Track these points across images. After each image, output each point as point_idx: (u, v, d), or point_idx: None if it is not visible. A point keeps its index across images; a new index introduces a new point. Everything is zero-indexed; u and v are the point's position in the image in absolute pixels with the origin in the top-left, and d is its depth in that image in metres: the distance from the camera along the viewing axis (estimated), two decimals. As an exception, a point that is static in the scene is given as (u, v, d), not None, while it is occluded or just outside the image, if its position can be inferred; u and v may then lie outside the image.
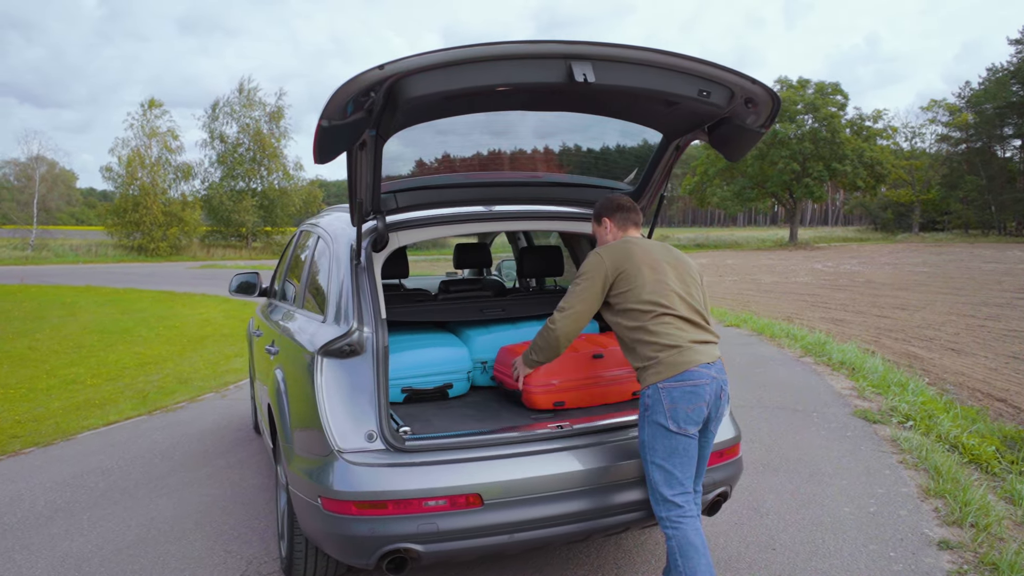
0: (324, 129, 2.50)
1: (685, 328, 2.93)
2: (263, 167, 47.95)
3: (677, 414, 2.82)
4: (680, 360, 2.85)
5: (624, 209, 3.20)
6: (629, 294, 2.94)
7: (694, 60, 2.69)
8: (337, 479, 2.79)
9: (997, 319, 14.56)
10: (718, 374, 2.92)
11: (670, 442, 2.84)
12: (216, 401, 7.72)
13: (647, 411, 2.88)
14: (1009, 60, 56.86)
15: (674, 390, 2.83)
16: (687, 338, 2.90)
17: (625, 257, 2.99)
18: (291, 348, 3.44)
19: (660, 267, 3.00)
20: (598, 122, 3.34)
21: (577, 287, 3.00)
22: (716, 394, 2.91)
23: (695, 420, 2.85)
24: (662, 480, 2.86)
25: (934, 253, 37.11)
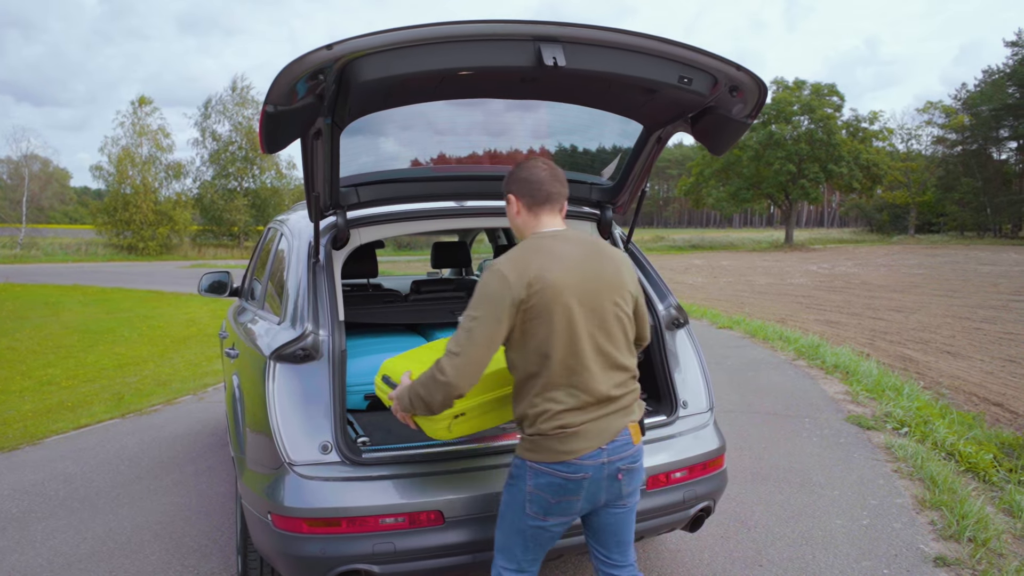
0: (269, 115, 2.29)
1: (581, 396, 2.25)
2: (255, 166, 47.60)
3: (539, 502, 2.29)
4: (561, 448, 2.24)
5: (538, 183, 2.34)
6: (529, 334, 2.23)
7: (673, 44, 2.48)
8: (288, 494, 2.58)
9: (993, 322, 14.40)
10: (615, 455, 2.29)
11: (521, 523, 2.33)
12: (193, 404, 7.50)
13: (511, 478, 2.36)
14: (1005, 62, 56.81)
15: (542, 476, 2.26)
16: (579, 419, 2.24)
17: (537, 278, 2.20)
18: (247, 351, 3.24)
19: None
20: (574, 111, 3.13)
21: (472, 321, 2.19)
22: (609, 477, 2.29)
23: (565, 513, 2.30)
24: (500, 545, 2.41)
25: (929, 255, 36.98)
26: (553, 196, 2.36)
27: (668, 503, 2.91)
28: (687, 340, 3.31)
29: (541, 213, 2.37)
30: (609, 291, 2.31)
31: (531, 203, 2.36)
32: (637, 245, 3.52)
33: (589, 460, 2.24)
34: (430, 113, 3.00)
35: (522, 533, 2.34)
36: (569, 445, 2.23)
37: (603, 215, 3.43)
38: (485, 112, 3.11)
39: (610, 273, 2.33)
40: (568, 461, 2.23)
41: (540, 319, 2.20)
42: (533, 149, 3.44)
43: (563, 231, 2.36)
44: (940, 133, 60.26)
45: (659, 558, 3.65)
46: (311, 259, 2.95)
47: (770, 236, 63.27)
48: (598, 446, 2.25)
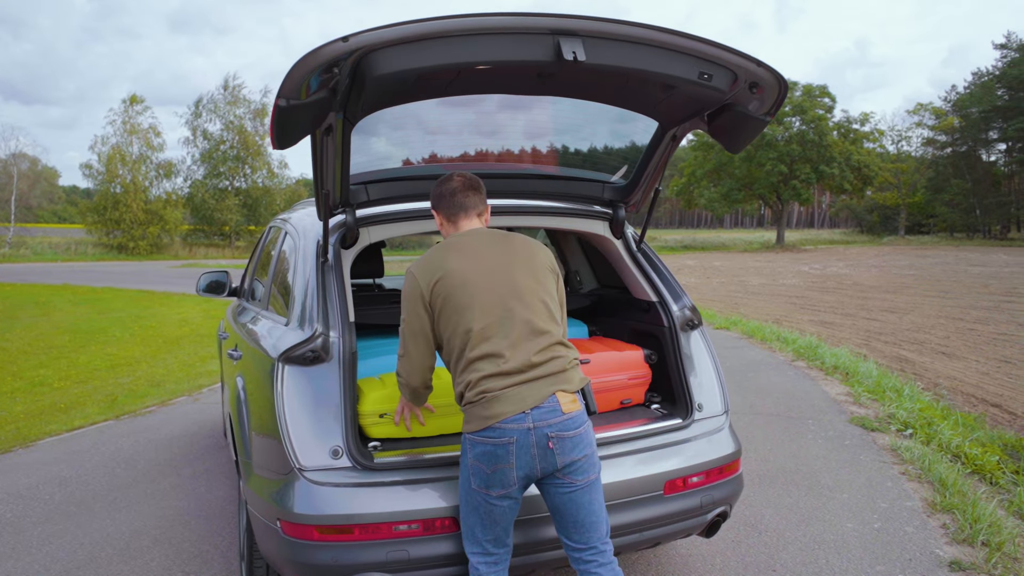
0: (282, 110, 2.22)
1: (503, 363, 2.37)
2: (247, 165, 47.36)
3: (479, 474, 2.38)
4: (485, 414, 2.36)
5: (451, 194, 2.59)
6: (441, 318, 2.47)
7: (695, 39, 2.41)
8: (298, 500, 2.51)
9: (986, 322, 14.44)
10: (541, 420, 2.34)
11: (471, 499, 2.42)
12: (188, 405, 7.40)
13: (461, 456, 2.49)
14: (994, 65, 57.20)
15: (476, 446, 2.38)
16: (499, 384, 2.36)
17: (439, 268, 2.48)
18: (252, 353, 3.16)
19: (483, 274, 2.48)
20: (588, 109, 3.07)
21: (403, 323, 2.52)
22: (537, 444, 2.33)
23: (503, 484, 2.36)
24: (463, 532, 2.49)
25: (920, 256, 37.13)
26: (467, 205, 2.60)
27: (685, 508, 2.85)
28: (701, 342, 3.25)
29: (458, 221, 2.61)
30: (523, 266, 2.52)
31: (448, 214, 2.61)
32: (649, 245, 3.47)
33: (512, 424, 2.33)
34: (442, 109, 2.93)
35: (476, 510, 2.42)
36: (491, 409, 2.34)
37: (615, 214, 3.37)
38: (497, 108, 3.04)
39: (523, 252, 2.55)
40: (492, 426, 2.34)
41: (449, 302, 2.44)
42: (543, 147, 3.38)
43: (476, 230, 2.59)
44: (930, 135, 60.60)
45: (670, 564, 3.59)
46: (319, 258, 2.88)
47: (761, 237, 63.45)
48: (520, 410, 2.34)
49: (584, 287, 4.14)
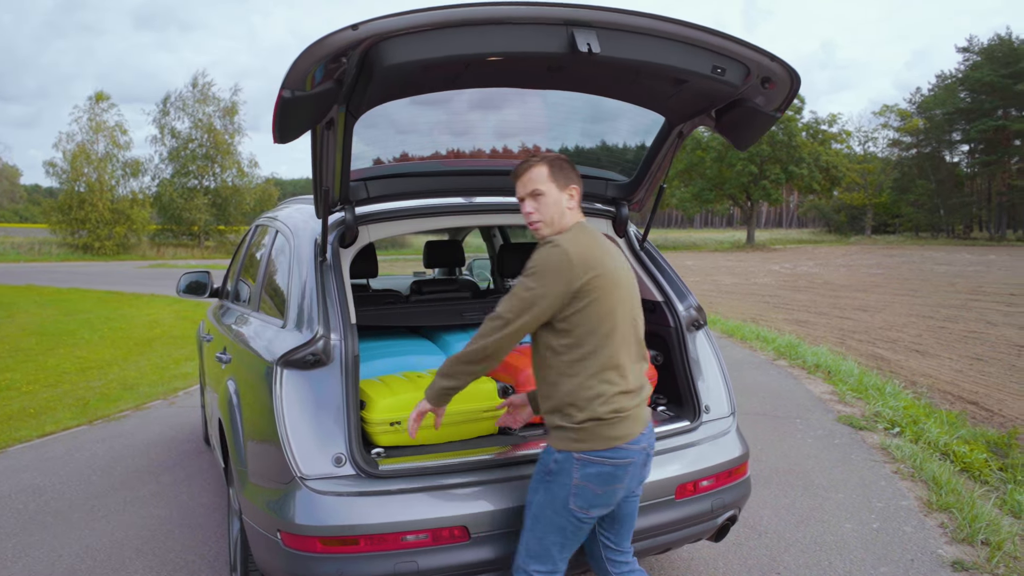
0: (286, 101, 2.11)
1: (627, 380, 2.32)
2: (216, 164, 46.61)
3: (585, 495, 2.27)
4: (613, 434, 2.26)
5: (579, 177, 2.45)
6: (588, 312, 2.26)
7: (711, 32, 2.35)
8: (300, 510, 2.40)
9: (955, 320, 14.67)
10: (648, 442, 2.37)
11: (563, 520, 2.30)
12: (164, 409, 7.21)
13: (548, 475, 2.30)
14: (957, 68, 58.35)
15: (590, 466, 2.25)
16: (630, 403, 2.30)
17: (598, 263, 2.29)
18: (245, 356, 3.04)
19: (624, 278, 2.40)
20: (592, 104, 3.00)
21: (530, 292, 2.22)
22: (642, 465, 2.36)
23: (607, 504, 2.32)
24: (533, 551, 2.33)
25: (887, 255, 37.73)
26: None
27: (696, 513, 2.79)
28: (706, 341, 3.20)
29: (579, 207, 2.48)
30: (633, 285, 2.47)
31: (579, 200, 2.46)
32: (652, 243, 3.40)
33: (635, 445, 2.30)
34: (445, 103, 2.84)
35: (563, 531, 2.31)
36: (620, 430, 2.27)
37: (619, 212, 3.30)
38: (501, 103, 2.96)
39: (625, 261, 2.51)
40: (618, 447, 2.26)
41: (598, 303, 2.27)
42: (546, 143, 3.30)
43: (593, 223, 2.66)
44: (895, 136, 61.68)
45: (673, 568, 3.54)
46: (317, 257, 2.77)
47: (732, 236, 64.04)
48: (640, 431, 2.33)
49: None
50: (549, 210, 2.35)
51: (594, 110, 3.06)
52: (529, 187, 2.37)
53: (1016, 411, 7.85)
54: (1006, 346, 11.88)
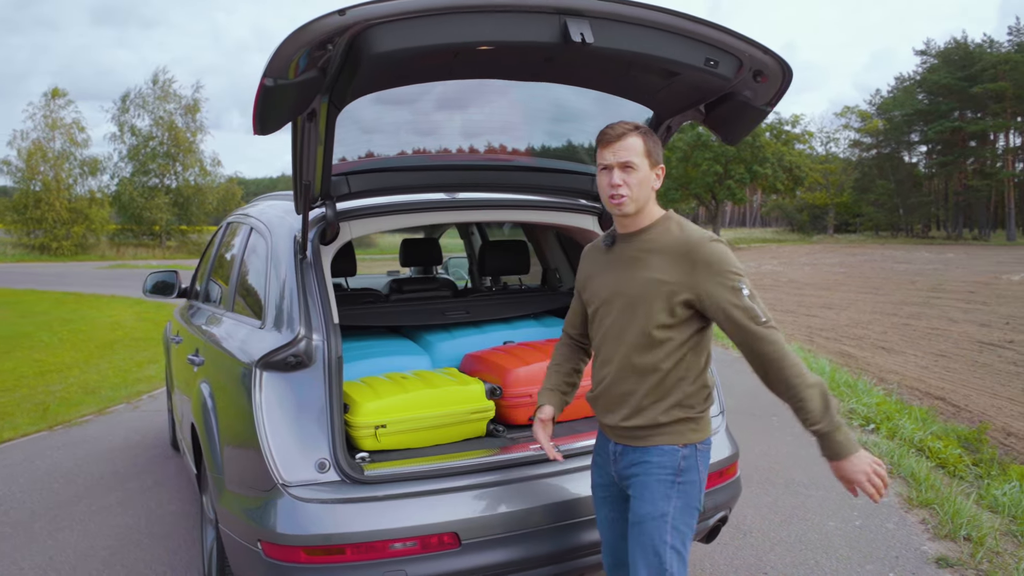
0: (268, 90, 2.00)
1: None
2: (178, 162, 45.74)
3: (702, 483, 2.22)
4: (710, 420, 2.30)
5: None
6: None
7: (704, 23, 2.29)
8: (282, 519, 2.30)
9: (918, 318, 14.93)
10: None
11: (694, 520, 2.19)
12: (127, 413, 6.99)
13: (680, 475, 2.16)
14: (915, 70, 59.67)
15: (707, 454, 2.24)
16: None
17: None
18: (221, 358, 2.91)
19: None
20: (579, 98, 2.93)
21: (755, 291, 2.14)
22: None
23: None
24: (686, 555, 2.14)
25: (849, 254, 38.39)
26: None
27: None
28: None
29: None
30: None
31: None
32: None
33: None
34: (429, 96, 2.75)
35: (693, 529, 2.19)
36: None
37: (604, 208, 3.23)
38: (486, 96, 2.88)
39: None
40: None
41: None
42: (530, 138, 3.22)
43: None
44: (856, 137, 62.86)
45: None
46: (297, 255, 2.66)
47: (697, 236, 64.47)
48: None
49: (564, 285, 4.01)
50: (639, 188, 2.16)
51: (581, 103, 2.99)
52: (622, 156, 2.15)
53: (981, 406, 7.98)
54: (968, 342, 12.12)
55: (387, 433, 2.61)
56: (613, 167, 2.16)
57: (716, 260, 2.09)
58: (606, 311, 2.24)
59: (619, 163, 2.15)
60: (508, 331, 3.44)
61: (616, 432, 2.24)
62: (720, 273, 2.08)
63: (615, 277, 2.23)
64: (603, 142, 2.19)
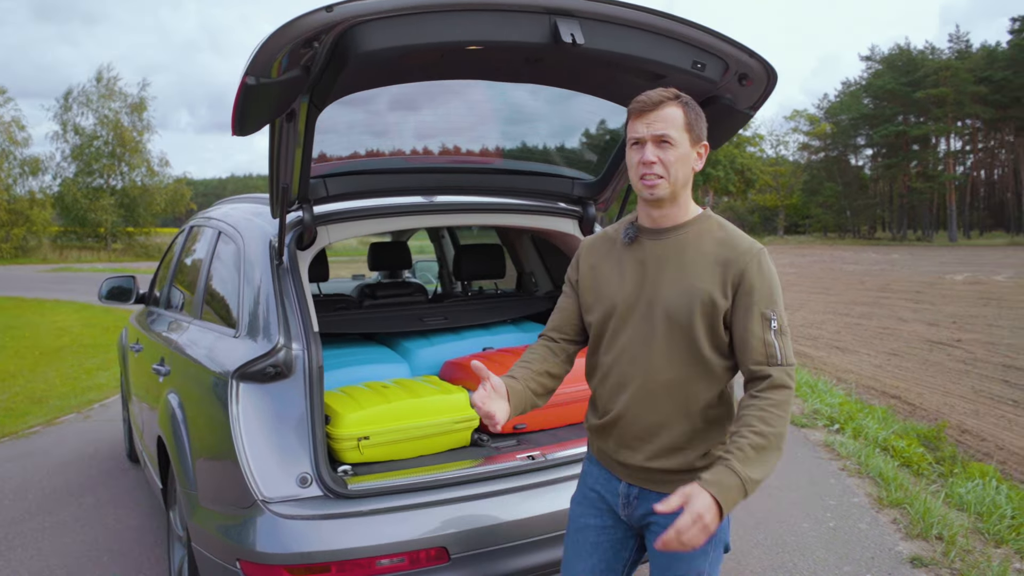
0: (250, 89, 1.91)
1: None
2: (124, 162, 44.47)
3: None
4: None
5: None
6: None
7: (692, 25, 2.27)
8: (262, 537, 2.20)
9: (869, 317, 15.29)
10: None
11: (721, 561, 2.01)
12: (78, 424, 6.72)
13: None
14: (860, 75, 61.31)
15: None
16: None
17: None
18: (192, 368, 2.79)
19: None
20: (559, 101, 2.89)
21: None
22: None
23: None
24: None
25: (799, 255, 39.18)
26: None
27: None
28: None
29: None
30: None
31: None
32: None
33: None
34: (409, 97, 2.68)
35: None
36: None
37: (585, 212, 3.20)
38: (468, 97, 2.81)
39: None
40: None
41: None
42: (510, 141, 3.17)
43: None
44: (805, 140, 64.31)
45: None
46: (274, 261, 2.56)
47: (651, 237, 65.22)
48: None
49: (540, 290, 3.96)
50: (676, 168, 1.80)
51: (563, 106, 2.95)
52: (658, 128, 1.79)
53: (935, 404, 8.18)
54: (918, 341, 12.44)
55: (370, 445, 2.52)
56: (646, 141, 1.80)
57: (761, 284, 1.79)
58: (622, 323, 1.87)
59: (653, 136, 1.79)
60: (487, 337, 3.37)
61: (633, 473, 1.90)
62: (760, 302, 1.77)
63: (639, 280, 1.86)
64: (636, 112, 1.83)
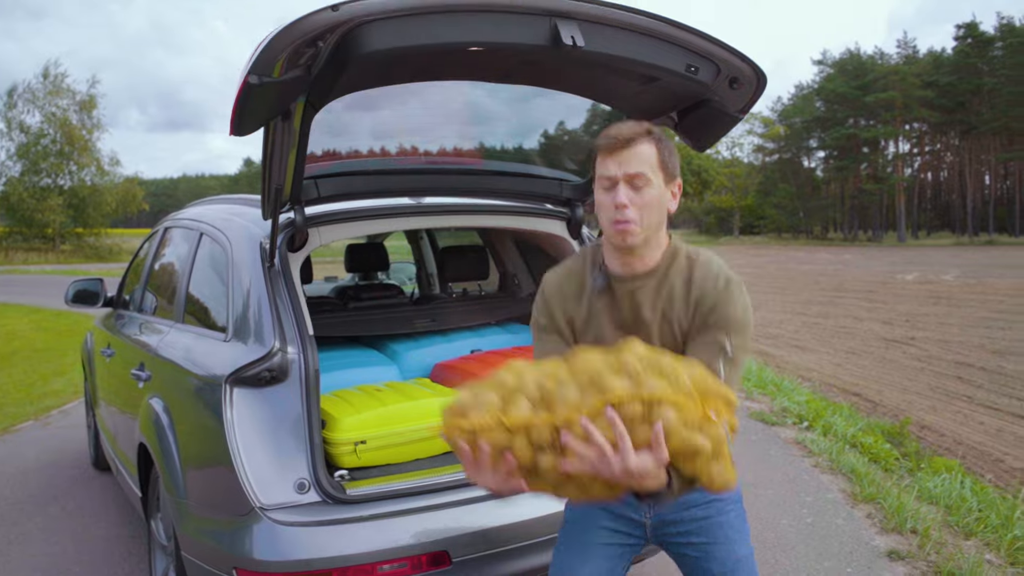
0: (252, 88, 1.87)
1: None
2: (72, 161, 43.26)
3: None
4: None
5: None
6: None
7: (689, 30, 2.29)
8: (261, 544, 2.16)
9: (826, 316, 15.64)
10: None
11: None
12: (37, 431, 6.51)
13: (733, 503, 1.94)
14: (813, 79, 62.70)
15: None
16: None
17: None
18: (178, 373, 2.72)
19: None
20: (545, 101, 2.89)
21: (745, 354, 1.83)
22: None
23: None
24: None
25: (754, 255, 39.90)
26: None
27: None
28: None
29: None
30: None
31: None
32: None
33: None
34: (399, 98, 2.65)
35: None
36: None
37: (573, 214, 3.20)
38: (459, 98, 2.80)
39: None
40: None
41: None
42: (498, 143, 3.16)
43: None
44: (760, 142, 65.50)
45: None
46: (265, 263, 2.51)
47: (609, 238, 65.84)
48: None
49: (523, 291, 3.96)
50: (651, 211, 1.71)
51: (552, 108, 2.95)
52: (631, 167, 1.68)
53: (895, 401, 8.41)
54: (874, 340, 12.76)
55: (367, 449, 2.49)
56: (618, 181, 1.69)
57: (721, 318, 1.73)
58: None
59: (627, 175, 1.68)
60: (475, 339, 3.36)
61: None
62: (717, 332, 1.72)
63: (618, 327, 1.80)
64: (606, 149, 1.71)
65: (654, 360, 1.47)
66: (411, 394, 2.70)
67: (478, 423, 1.45)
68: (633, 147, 1.71)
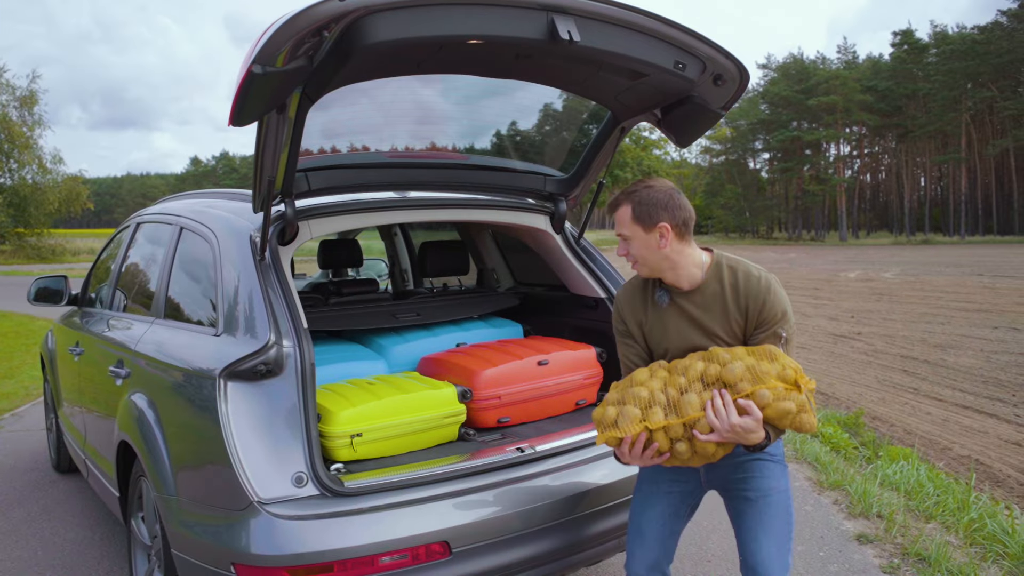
0: (255, 77, 1.86)
1: None
2: (12, 159, 41.63)
3: None
4: None
5: (686, 207, 2.23)
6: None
7: (677, 27, 2.35)
8: (259, 539, 2.14)
9: (775, 313, 16.01)
10: None
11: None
12: (-11, 435, 6.29)
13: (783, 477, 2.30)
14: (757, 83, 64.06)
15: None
16: None
17: None
18: (166, 369, 2.68)
19: None
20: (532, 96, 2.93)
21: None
22: None
23: None
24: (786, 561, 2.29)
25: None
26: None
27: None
28: None
29: (689, 236, 2.21)
30: None
31: (684, 231, 2.18)
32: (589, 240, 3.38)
33: None
34: (388, 91, 2.66)
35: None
36: None
37: (556, 209, 3.25)
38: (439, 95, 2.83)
39: None
40: None
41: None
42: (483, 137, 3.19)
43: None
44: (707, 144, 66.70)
45: (610, 564, 3.54)
46: (256, 256, 2.50)
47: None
48: None
49: (501, 285, 3.99)
50: (641, 255, 2.19)
51: (538, 104, 3.00)
52: (618, 228, 2.23)
53: (846, 393, 8.69)
54: (822, 335, 13.13)
55: (363, 442, 2.49)
56: (618, 235, 2.25)
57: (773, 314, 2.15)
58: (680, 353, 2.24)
59: (618, 234, 2.23)
60: (459, 333, 3.38)
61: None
62: (773, 324, 2.15)
63: (682, 332, 2.22)
64: (608, 213, 2.31)
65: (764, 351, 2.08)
66: (403, 387, 2.70)
67: (629, 431, 2.03)
68: (616, 211, 2.22)
